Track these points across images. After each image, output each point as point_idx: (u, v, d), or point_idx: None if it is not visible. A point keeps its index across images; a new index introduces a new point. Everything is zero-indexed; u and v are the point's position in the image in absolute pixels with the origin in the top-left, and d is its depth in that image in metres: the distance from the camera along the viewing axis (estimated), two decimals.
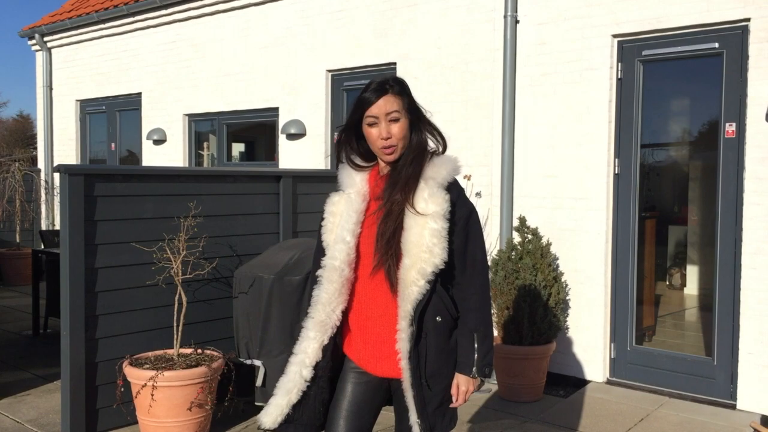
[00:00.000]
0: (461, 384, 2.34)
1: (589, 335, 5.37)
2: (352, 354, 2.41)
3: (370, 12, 6.63)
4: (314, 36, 7.11)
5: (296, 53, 7.28)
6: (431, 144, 2.41)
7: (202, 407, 4.07)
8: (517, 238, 5.30)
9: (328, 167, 7.00)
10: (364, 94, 2.33)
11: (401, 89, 2.34)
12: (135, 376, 4.05)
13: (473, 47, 5.91)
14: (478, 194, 5.80)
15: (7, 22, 65.65)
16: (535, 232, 5.18)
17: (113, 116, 9.89)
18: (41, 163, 10.92)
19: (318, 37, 7.07)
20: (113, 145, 9.99)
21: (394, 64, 6.47)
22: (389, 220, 2.28)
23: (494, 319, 5.25)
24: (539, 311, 5.01)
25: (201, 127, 8.73)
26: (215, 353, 4.36)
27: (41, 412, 4.71)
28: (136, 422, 4.22)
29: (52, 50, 10.50)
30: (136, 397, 4.05)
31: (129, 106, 9.55)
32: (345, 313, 2.38)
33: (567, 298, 5.38)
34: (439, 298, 2.30)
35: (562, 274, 5.25)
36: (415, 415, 2.29)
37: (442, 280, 2.30)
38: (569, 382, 5.44)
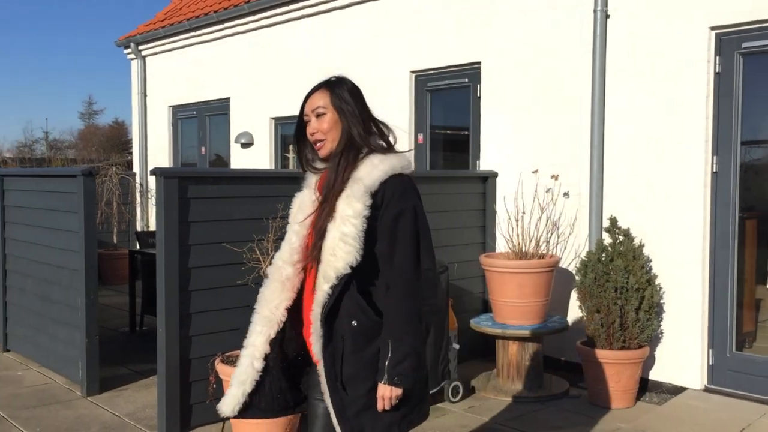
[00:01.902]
0: (379, 390, 2.27)
1: (685, 340, 5.15)
2: (309, 347, 2.43)
3: (452, 12, 6.59)
4: (397, 37, 7.12)
5: (379, 55, 7.31)
6: (381, 142, 2.40)
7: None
8: (607, 239, 5.14)
9: (412, 168, 6.99)
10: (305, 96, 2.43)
11: (331, 86, 2.40)
12: (226, 373, 4.14)
13: (560, 44, 5.78)
14: (565, 194, 5.67)
15: (104, 35, 68.84)
16: (626, 233, 5.02)
17: (203, 121, 10.20)
18: (136, 167, 11.38)
19: (401, 38, 7.08)
20: (203, 149, 10.31)
21: (478, 63, 6.41)
22: (318, 222, 2.33)
23: (583, 321, 5.11)
24: (631, 315, 4.84)
25: (286, 130, 8.89)
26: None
27: (138, 406, 4.89)
28: (228, 418, 4.32)
29: (146, 58, 10.93)
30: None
31: (218, 110, 9.83)
32: (299, 307, 2.43)
33: (661, 301, 5.18)
34: (354, 302, 2.27)
35: (655, 276, 5.06)
36: (335, 419, 2.30)
37: (365, 283, 2.28)
38: (664, 389, 5.24)
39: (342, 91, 2.40)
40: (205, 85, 9.85)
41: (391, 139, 2.45)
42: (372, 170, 2.29)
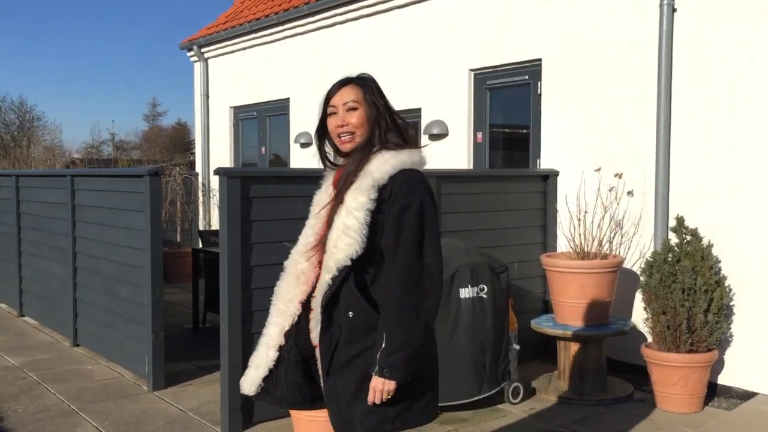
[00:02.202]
0: (372, 381, 2.25)
1: (757, 343, 4.97)
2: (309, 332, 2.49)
3: (512, 9, 6.51)
4: (456, 35, 7.08)
5: (438, 54, 7.28)
6: (396, 139, 2.41)
7: None
8: (673, 239, 5.00)
9: (471, 167, 6.94)
10: (327, 92, 2.45)
11: (362, 82, 2.43)
12: None
13: (624, 39, 5.64)
14: (629, 193, 5.54)
15: (168, 38, 70.57)
16: (694, 233, 4.87)
17: (263, 121, 10.35)
18: (198, 167, 11.62)
19: (460, 36, 7.04)
20: (263, 149, 10.46)
21: (539, 60, 6.31)
22: (330, 215, 2.37)
23: (648, 324, 4.98)
24: (699, 317, 4.70)
25: None
26: None
27: (202, 401, 5.00)
28: (289, 415, 4.37)
29: (209, 60, 11.15)
30: None
31: (278, 111, 9.95)
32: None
33: (731, 303, 5.00)
34: (352, 294, 2.29)
35: (725, 277, 4.89)
36: (328, 405, 2.35)
37: (367, 276, 2.31)
38: (733, 394, 5.06)
39: (373, 88, 2.44)
40: (265, 86, 9.98)
41: (410, 134, 2.48)
42: (382, 164, 2.32)
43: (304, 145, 9.20)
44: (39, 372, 5.72)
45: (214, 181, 10.93)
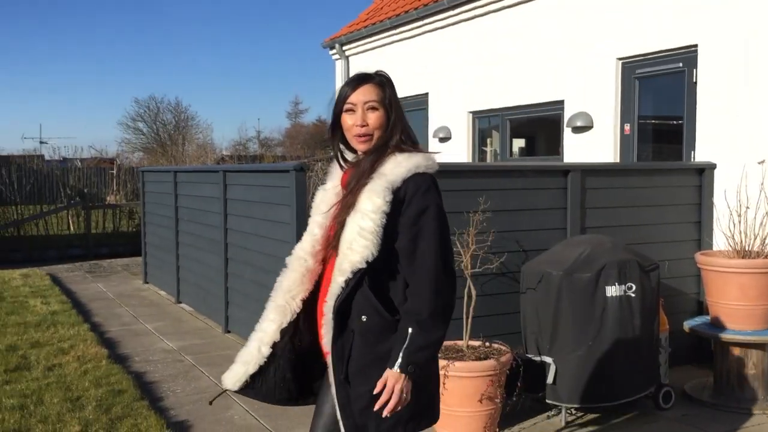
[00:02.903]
0: (387, 379, 2.19)
1: None
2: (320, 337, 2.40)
3: None
4: (603, 23, 6.80)
5: (583, 43, 7.02)
6: (409, 141, 2.37)
7: (492, 400, 4.10)
8: None
9: (617, 160, 6.65)
10: (343, 86, 2.37)
11: (383, 81, 2.37)
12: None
13: None
14: None
15: (309, 38, 73.11)
16: None
17: None
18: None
19: (607, 24, 6.75)
20: None
21: (695, 46, 5.93)
22: (339, 215, 2.32)
23: None
24: None
25: (483, 123, 8.85)
26: (503, 347, 4.36)
27: None
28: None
29: (350, 58, 11.40)
30: None
31: (416, 106, 10.01)
32: (315, 299, 2.42)
33: None
34: (365, 297, 2.24)
35: None
36: (339, 412, 2.28)
37: (379, 280, 2.25)
38: None
39: (392, 90, 2.39)
40: (404, 81, 10.06)
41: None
42: (396, 167, 2.27)
43: (443, 140, 9.20)
44: (194, 356, 6.09)
45: None
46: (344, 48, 11.32)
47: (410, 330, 2.20)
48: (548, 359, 4.35)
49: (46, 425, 4.33)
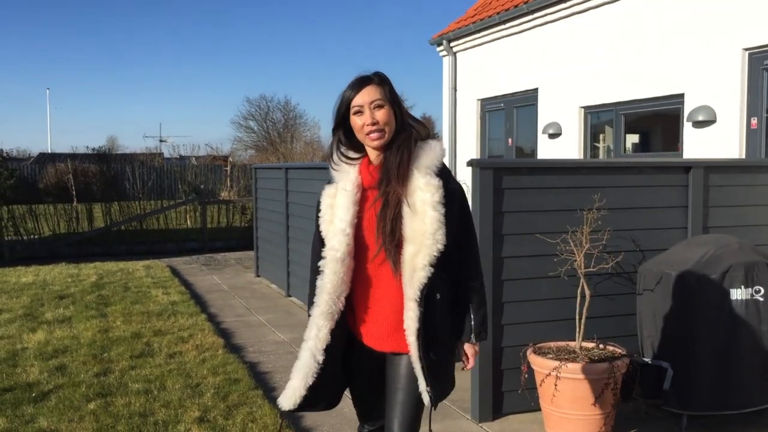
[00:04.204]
0: (468, 350, 2.58)
1: None
2: (358, 334, 2.59)
3: None
4: (728, 12, 6.44)
5: (704, 33, 6.68)
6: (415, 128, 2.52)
7: (606, 404, 3.98)
8: None
9: (743, 156, 6.29)
10: (346, 91, 2.48)
11: (381, 80, 2.48)
12: (539, 364, 4.13)
13: None
14: None
15: (414, 35, 73.37)
16: None
17: (510, 113, 10.29)
18: (446, 159, 11.87)
19: (732, 12, 6.39)
20: (510, 140, 10.41)
21: None
22: (388, 210, 2.42)
23: None
24: None
25: (595, 119, 8.59)
26: (618, 350, 4.22)
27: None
28: (539, 409, 4.31)
29: (457, 54, 11.34)
30: (540, 385, 4.13)
31: (525, 102, 9.84)
32: (350, 298, 2.55)
33: None
34: (438, 277, 2.44)
35: None
36: (425, 384, 2.45)
37: (442, 261, 2.43)
38: None
39: (391, 86, 2.51)
40: (513, 77, 9.92)
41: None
42: (428, 155, 2.47)
43: (553, 136, 9.00)
44: None
45: (461, 173, 11.12)
46: (452, 44, 11.28)
47: (472, 303, 2.55)
48: (665, 364, 4.17)
49: (169, 410, 4.55)
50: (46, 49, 77.52)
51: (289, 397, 2.55)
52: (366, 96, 2.45)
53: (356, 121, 2.47)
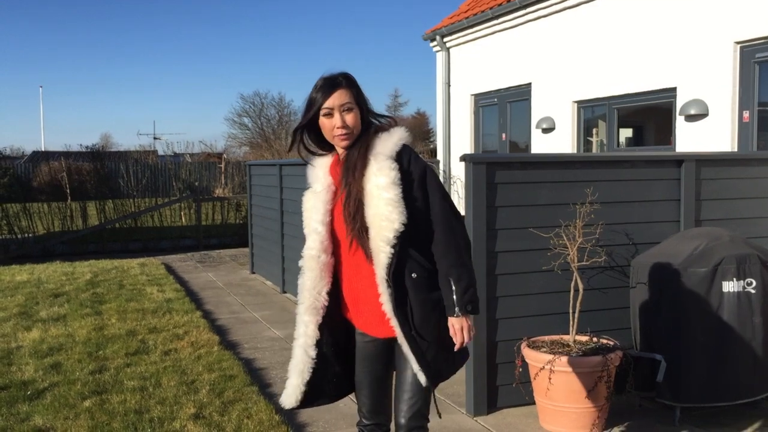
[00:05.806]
0: (454, 325, 2.52)
1: None
2: (355, 323, 2.68)
3: None
4: (719, 5, 6.46)
5: (695, 27, 6.70)
6: (380, 123, 2.64)
7: (600, 397, 4.00)
8: None
9: (735, 149, 6.32)
10: (316, 93, 2.56)
11: (349, 83, 2.58)
12: (533, 358, 4.15)
13: None
14: None
15: (407, 31, 73.29)
16: None
17: (504, 107, 10.30)
18: (440, 155, 11.91)
19: (723, 6, 6.41)
20: (504, 135, 10.42)
21: None
22: (350, 200, 2.52)
23: None
24: None
25: (588, 113, 8.61)
26: (611, 343, 4.24)
27: (447, 382, 5.06)
28: (533, 402, 4.33)
29: (450, 49, 11.34)
30: (534, 378, 4.15)
31: (519, 96, 9.86)
32: (338, 292, 2.65)
33: None
34: (409, 256, 2.50)
35: None
36: (416, 365, 2.51)
37: (411, 239, 2.48)
38: None
39: (358, 87, 2.60)
40: (506, 72, 9.93)
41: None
42: (386, 142, 2.54)
43: (546, 131, 9.02)
44: None
45: (455, 168, 11.14)
46: (445, 40, 11.28)
47: (451, 277, 2.51)
48: (658, 356, 4.19)
49: (164, 407, 4.56)
50: (39, 47, 77.26)
51: (290, 395, 2.67)
52: (336, 99, 2.55)
53: (326, 123, 2.58)
